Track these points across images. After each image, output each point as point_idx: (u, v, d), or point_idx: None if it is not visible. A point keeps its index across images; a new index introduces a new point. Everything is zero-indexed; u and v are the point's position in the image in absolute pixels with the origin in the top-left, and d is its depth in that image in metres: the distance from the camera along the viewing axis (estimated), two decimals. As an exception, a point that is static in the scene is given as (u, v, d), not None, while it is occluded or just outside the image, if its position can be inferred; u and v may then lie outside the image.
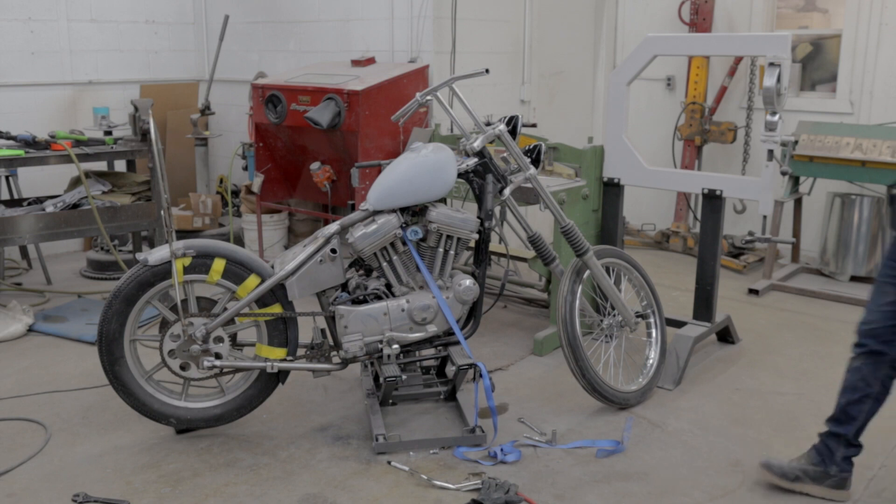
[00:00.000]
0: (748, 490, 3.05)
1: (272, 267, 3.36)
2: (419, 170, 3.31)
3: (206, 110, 6.30)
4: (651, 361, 3.84)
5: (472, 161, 3.45)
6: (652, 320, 3.91)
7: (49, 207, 4.75)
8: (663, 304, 3.97)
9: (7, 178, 5.56)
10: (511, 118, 3.54)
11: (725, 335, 4.53)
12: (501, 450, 3.23)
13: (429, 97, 3.52)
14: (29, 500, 2.94)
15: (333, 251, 3.30)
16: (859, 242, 5.56)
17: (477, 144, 3.42)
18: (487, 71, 3.41)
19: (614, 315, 3.79)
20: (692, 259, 5.85)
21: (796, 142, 5.39)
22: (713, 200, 4.19)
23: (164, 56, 6.83)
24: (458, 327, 3.40)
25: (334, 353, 3.39)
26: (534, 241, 3.61)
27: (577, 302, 3.57)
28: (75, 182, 5.09)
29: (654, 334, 3.90)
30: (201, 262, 3.26)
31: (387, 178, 3.35)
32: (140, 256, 3.26)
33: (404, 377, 3.45)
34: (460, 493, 2.94)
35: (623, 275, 3.92)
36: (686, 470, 3.18)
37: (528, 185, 3.58)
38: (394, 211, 3.33)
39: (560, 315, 3.56)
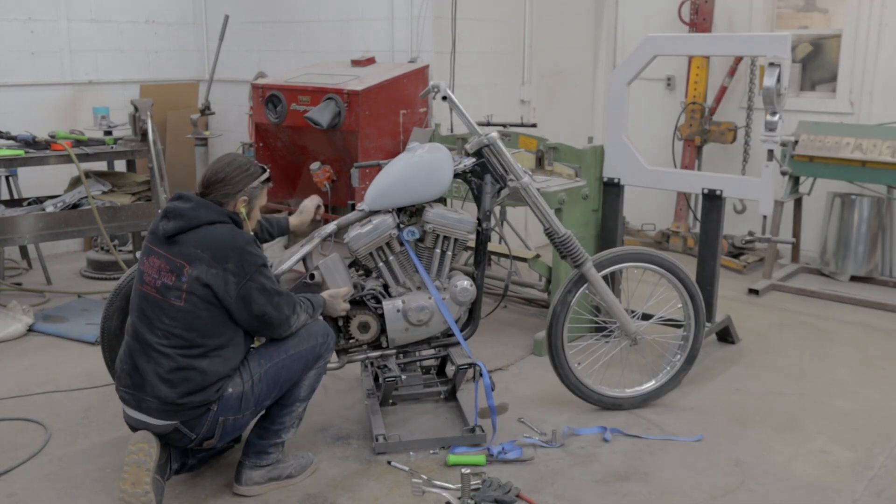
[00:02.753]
0: (748, 490, 3.05)
1: (271, 267, 3.36)
2: (414, 170, 3.31)
3: (206, 110, 6.29)
4: (670, 367, 3.76)
5: (470, 161, 3.43)
6: (686, 324, 3.72)
7: (49, 207, 4.75)
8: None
9: (7, 178, 5.55)
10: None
11: (725, 335, 4.53)
12: (503, 448, 3.23)
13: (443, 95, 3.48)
14: (29, 500, 2.94)
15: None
16: (859, 242, 5.56)
17: (469, 147, 3.42)
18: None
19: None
20: (692, 259, 5.85)
21: (796, 142, 5.38)
22: (713, 200, 4.18)
23: (164, 56, 6.83)
24: (458, 328, 3.40)
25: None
26: (550, 235, 3.54)
27: (569, 314, 3.54)
28: (75, 182, 5.09)
29: (687, 340, 3.74)
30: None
31: (382, 178, 3.35)
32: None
33: (404, 377, 3.45)
34: (461, 494, 2.93)
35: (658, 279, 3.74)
36: (686, 470, 3.18)
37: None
38: (390, 211, 3.33)
39: (546, 324, 3.56)
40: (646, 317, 3.85)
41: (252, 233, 3.03)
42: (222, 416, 2.80)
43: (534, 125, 4.85)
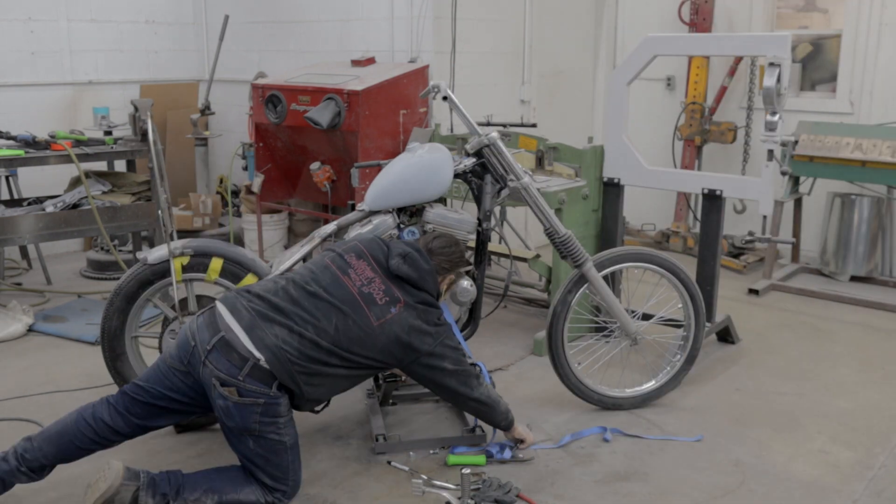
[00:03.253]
0: (748, 490, 3.05)
1: (271, 267, 3.36)
2: (414, 170, 3.31)
3: (206, 110, 6.29)
4: (670, 367, 3.76)
5: (470, 161, 3.43)
6: (686, 324, 3.73)
7: (49, 207, 4.74)
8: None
9: (7, 178, 5.56)
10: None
11: (725, 335, 4.53)
12: (500, 447, 3.23)
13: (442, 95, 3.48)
14: (29, 500, 2.94)
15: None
16: (859, 242, 5.56)
17: (469, 147, 3.42)
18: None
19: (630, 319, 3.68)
20: (692, 259, 5.85)
21: (796, 142, 5.38)
22: (713, 200, 4.18)
23: (164, 56, 6.83)
24: (458, 328, 3.40)
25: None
26: (550, 236, 3.55)
27: (569, 314, 3.54)
28: (75, 182, 5.08)
29: (687, 340, 3.74)
30: (199, 261, 3.30)
31: (383, 178, 3.35)
32: (140, 255, 3.32)
33: (404, 377, 3.44)
34: (461, 494, 2.93)
35: (658, 278, 3.73)
36: (686, 470, 3.18)
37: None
38: (390, 211, 3.33)
39: (547, 324, 3.56)
40: (646, 317, 3.84)
41: None
42: (256, 409, 2.72)
43: (534, 125, 4.85)
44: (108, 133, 5.66)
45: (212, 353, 2.72)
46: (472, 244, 3.50)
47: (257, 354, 2.70)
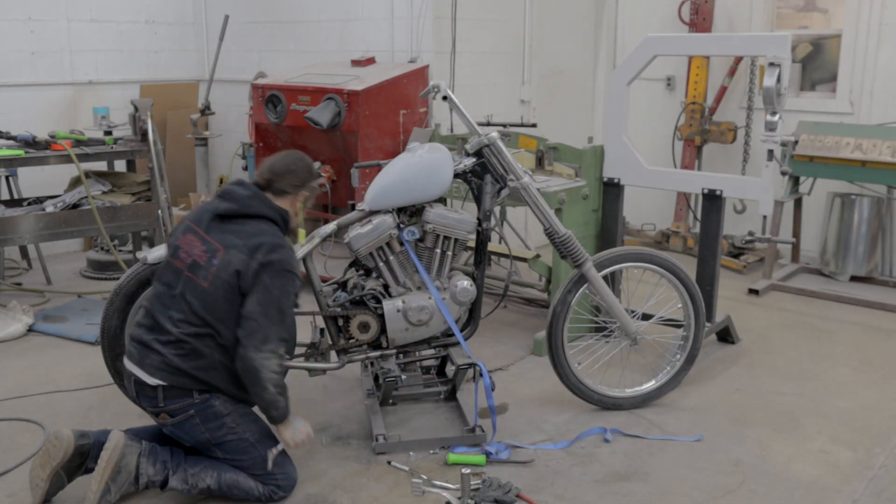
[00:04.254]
0: (748, 490, 3.05)
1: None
2: (414, 170, 3.31)
3: (206, 110, 6.29)
4: (670, 367, 3.76)
5: (470, 161, 3.43)
6: (686, 324, 3.72)
7: (49, 207, 4.75)
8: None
9: (7, 178, 5.55)
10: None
11: (725, 335, 4.53)
12: (497, 446, 3.23)
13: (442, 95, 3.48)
14: (29, 500, 2.94)
15: None
16: (859, 242, 5.56)
17: (469, 147, 3.42)
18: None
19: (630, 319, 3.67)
20: (692, 259, 5.85)
21: (796, 142, 5.38)
22: (713, 200, 4.18)
23: (164, 56, 6.83)
24: (458, 328, 3.40)
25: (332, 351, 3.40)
26: (550, 235, 3.55)
27: (569, 314, 3.54)
28: (75, 182, 5.08)
29: (687, 340, 3.74)
30: (200, 262, 3.29)
31: (382, 178, 3.35)
32: (140, 255, 3.34)
33: (404, 377, 3.45)
34: (461, 494, 2.93)
35: (658, 278, 3.73)
36: (686, 470, 3.18)
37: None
38: (390, 211, 3.33)
39: (547, 324, 3.56)
40: (646, 317, 3.85)
41: (299, 229, 3.13)
42: (194, 421, 2.82)
43: (534, 125, 4.85)
44: (108, 133, 5.66)
45: (138, 396, 2.86)
46: (472, 244, 3.51)
47: (154, 382, 2.79)
